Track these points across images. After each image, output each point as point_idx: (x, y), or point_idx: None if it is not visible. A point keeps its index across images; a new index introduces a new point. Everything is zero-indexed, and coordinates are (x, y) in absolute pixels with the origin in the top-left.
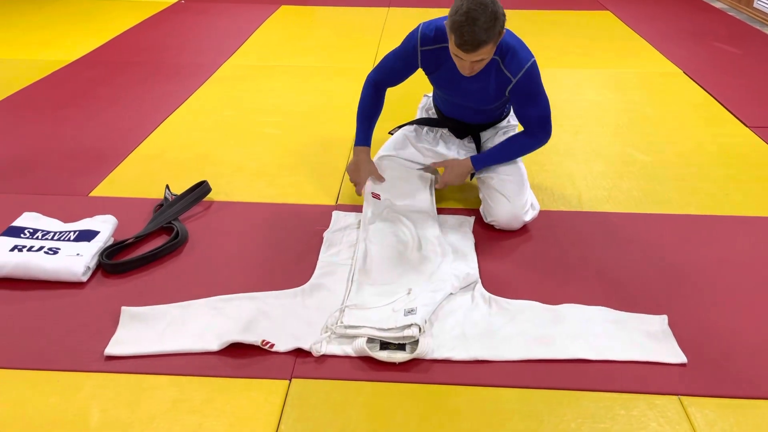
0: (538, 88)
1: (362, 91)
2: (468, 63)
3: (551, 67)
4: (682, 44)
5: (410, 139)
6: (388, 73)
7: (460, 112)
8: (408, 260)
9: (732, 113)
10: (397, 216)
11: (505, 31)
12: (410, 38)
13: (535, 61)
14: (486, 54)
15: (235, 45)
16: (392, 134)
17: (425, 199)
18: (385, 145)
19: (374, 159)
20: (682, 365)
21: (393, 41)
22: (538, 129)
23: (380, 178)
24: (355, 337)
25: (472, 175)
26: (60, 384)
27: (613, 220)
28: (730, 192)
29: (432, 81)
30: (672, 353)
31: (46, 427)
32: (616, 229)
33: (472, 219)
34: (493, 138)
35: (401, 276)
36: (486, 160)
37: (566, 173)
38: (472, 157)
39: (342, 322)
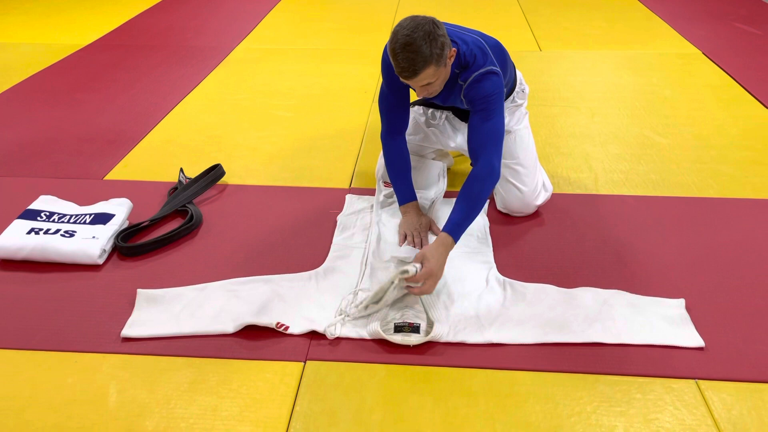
0: (490, 99)
1: (383, 151)
2: (417, 87)
3: (568, 49)
4: (701, 25)
5: (421, 124)
6: (391, 113)
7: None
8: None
9: (752, 95)
10: None
11: (450, 50)
12: (385, 64)
13: (492, 70)
14: (429, 78)
15: (248, 28)
16: None
17: (438, 188)
18: None
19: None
20: (700, 349)
21: None
22: (493, 150)
23: (437, 230)
24: (369, 316)
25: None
26: (78, 365)
27: (630, 204)
28: (751, 175)
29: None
30: (689, 337)
31: (64, 407)
32: (633, 213)
33: (485, 203)
34: None
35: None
36: (460, 224)
37: (582, 156)
38: (446, 230)
39: (356, 305)
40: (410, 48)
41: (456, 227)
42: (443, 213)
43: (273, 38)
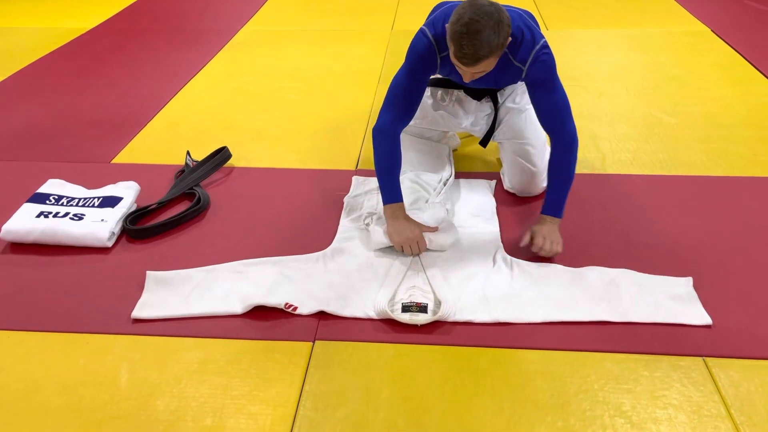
0: (552, 72)
1: (376, 143)
2: (468, 73)
3: (575, 28)
4: (710, 2)
5: (428, 107)
6: (405, 103)
7: (474, 83)
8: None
9: (762, 73)
10: (417, 183)
11: (510, 38)
12: (423, 48)
13: (545, 42)
14: (488, 66)
15: (253, 10)
16: None
17: (447, 172)
18: None
19: None
20: (707, 327)
21: (411, 5)
22: (567, 117)
23: (433, 229)
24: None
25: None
26: (89, 346)
27: (637, 183)
28: (760, 153)
29: (444, 75)
30: (697, 315)
31: (76, 388)
32: (641, 192)
33: (493, 182)
34: (513, 95)
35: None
36: (559, 201)
37: (589, 136)
38: (546, 212)
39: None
40: (478, 36)
41: (554, 206)
42: (455, 196)
43: (277, 20)
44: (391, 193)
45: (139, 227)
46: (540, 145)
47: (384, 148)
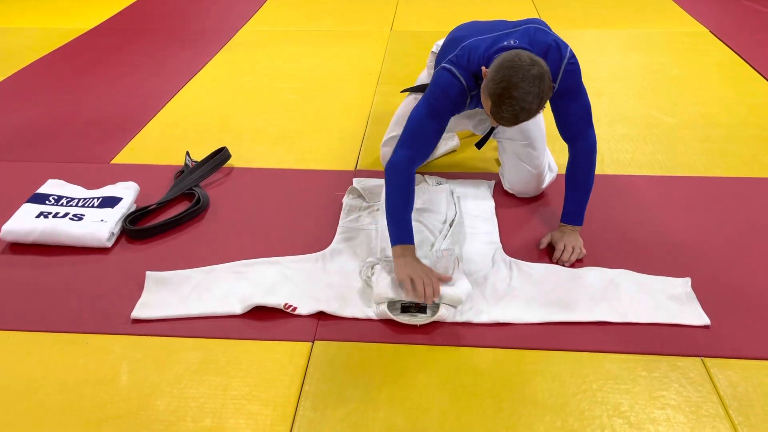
0: (578, 80)
1: (389, 179)
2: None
3: (574, 28)
4: (709, 3)
5: None
6: (429, 142)
7: None
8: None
9: (760, 73)
10: (420, 221)
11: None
12: (455, 91)
13: (570, 52)
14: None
15: (252, 10)
16: (406, 93)
17: (451, 212)
18: (394, 118)
19: (383, 142)
20: (706, 327)
21: (411, 5)
22: (589, 126)
23: (446, 278)
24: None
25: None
26: (89, 346)
27: (636, 184)
28: (759, 153)
29: (471, 108)
30: (695, 315)
31: (76, 387)
32: (640, 193)
33: (492, 183)
34: None
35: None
36: (580, 210)
37: None
38: (566, 220)
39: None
40: (520, 104)
41: (574, 214)
42: (457, 203)
43: (277, 20)
44: (401, 233)
45: (139, 227)
46: (541, 146)
47: (398, 185)
